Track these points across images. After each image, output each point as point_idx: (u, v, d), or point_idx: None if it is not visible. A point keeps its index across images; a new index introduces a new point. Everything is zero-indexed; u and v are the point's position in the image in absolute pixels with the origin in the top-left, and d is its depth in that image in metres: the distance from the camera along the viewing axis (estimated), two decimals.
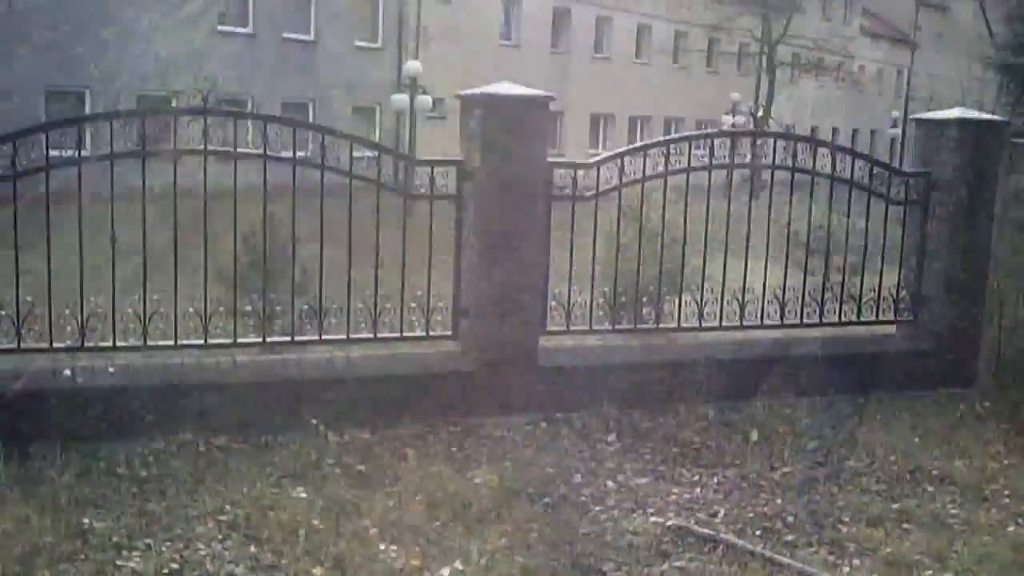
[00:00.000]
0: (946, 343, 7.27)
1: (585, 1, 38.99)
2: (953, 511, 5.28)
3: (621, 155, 6.38)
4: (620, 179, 6.35)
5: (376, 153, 6.07)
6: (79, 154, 5.47)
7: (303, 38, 28.93)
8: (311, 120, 29.12)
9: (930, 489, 5.55)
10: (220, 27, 26.74)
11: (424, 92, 24.92)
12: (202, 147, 5.61)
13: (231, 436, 5.65)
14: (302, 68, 28.79)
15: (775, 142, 6.86)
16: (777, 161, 6.84)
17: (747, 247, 6.84)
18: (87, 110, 24.20)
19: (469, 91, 6.26)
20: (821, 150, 6.98)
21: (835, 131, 57.85)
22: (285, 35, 28.35)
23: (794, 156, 6.83)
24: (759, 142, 7.09)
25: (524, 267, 6.16)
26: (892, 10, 61.13)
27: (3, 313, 5.57)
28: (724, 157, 6.72)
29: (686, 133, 6.74)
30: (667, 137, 6.56)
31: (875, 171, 7.16)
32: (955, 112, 7.42)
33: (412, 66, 25.14)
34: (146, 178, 5.69)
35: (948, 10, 68.85)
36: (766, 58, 39.26)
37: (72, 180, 5.58)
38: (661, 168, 6.44)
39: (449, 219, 6.27)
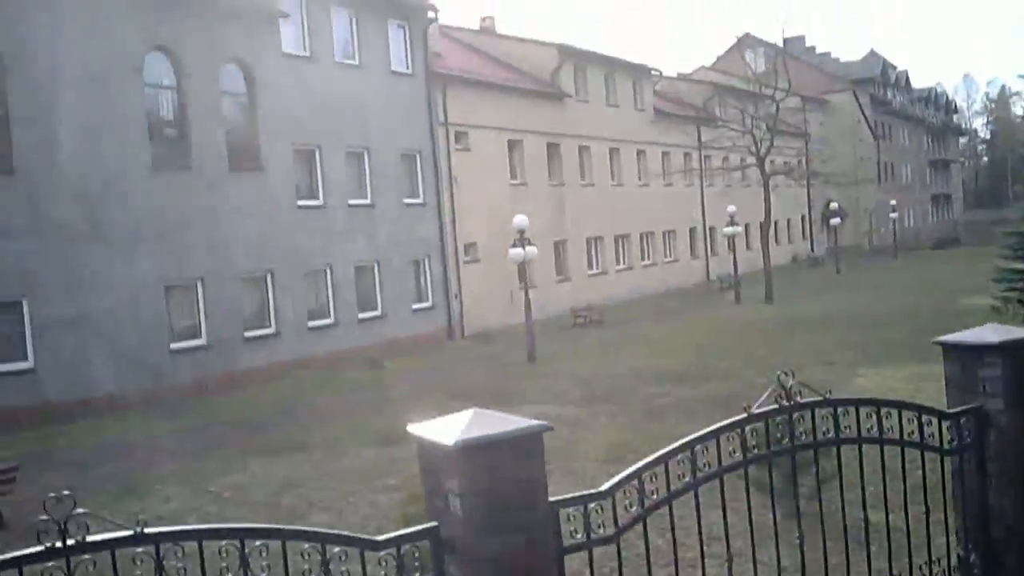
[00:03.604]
0: None
1: (569, 135, 40.45)
2: None
3: (639, 472, 4.20)
4: (642, 505, 4.26)
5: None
6: None
7: (363, 203, 28.50)
8: (376, 278, 29.58)
9: None
10: (298, 202, 26.73)
11: (530, 243, 24.42)
12: None
13: None
14: (365, 231, 28.54)
15: (813, 412, 4.97)
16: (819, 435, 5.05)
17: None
18: (200, 302, 23.89)
19: (427, 433, 3.92)
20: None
21: (788, 221, 61.45)
22: (350, 202, 28.20)
23: (836, 425, 5.05)
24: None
25: None
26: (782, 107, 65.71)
27: None
28: (755, 448, 4.78)
29: (712, 427, 4.57)
30: (689, 438, 4.48)
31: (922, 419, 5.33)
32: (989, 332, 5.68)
33: (519, 220, 24.24)
34: None
35: (827, 103, 74.67)
36: (758, 170, 39.72)
37: None
38: (688, 478, 4.45)
39: None
